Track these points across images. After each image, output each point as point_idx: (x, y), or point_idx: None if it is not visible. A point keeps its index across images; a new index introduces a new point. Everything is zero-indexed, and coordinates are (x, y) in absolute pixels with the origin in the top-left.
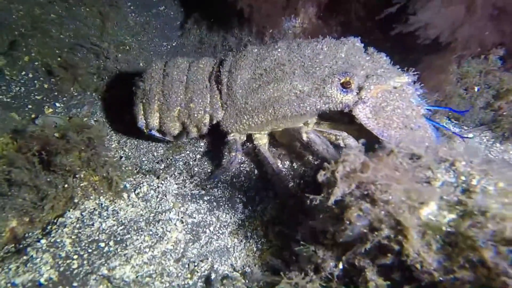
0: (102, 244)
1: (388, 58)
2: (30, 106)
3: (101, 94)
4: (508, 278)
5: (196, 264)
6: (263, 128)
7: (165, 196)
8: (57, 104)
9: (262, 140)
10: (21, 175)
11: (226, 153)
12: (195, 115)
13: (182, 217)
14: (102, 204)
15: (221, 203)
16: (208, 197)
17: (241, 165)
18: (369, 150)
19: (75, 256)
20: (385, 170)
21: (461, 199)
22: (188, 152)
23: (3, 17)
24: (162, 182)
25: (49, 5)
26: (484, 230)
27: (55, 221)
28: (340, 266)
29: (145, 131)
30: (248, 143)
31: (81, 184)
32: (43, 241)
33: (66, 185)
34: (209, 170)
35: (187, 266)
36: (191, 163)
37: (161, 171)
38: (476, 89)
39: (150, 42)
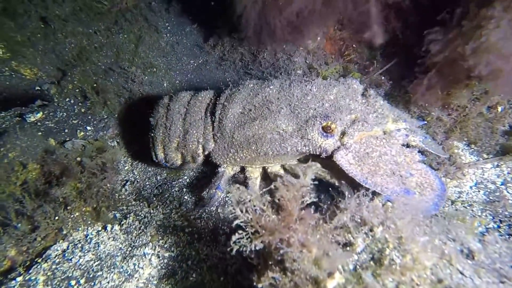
0: (73, 282)
1: (386, 102)
2: (66, 130)
3: (125, 116)
4: None
5: None
6: (251, 162)
7: (146, 229)
8: (88, 128)
9: (253, 174)
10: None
11: (210, 185)
12: (190, 146)
13: (158, 251)
14: (88, 235)
15: (202, 235)
16: (190, 229)
17: (228, 195)
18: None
19: None
20: (300, 231)
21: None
22: (186, 177)
23: (59, 50)
24: (151, 211)
25: (94, 35)
26: None
27: (43, 253)
28: None
29: (157, 161)
30: (241, 174)
31: (72, 216)
32: (19, 279)
33: (57, 217)
34: (198, 199)
35: None
36: (184, 190)
37: (154, 199)
38: (499, 109)
39: (178, 62)
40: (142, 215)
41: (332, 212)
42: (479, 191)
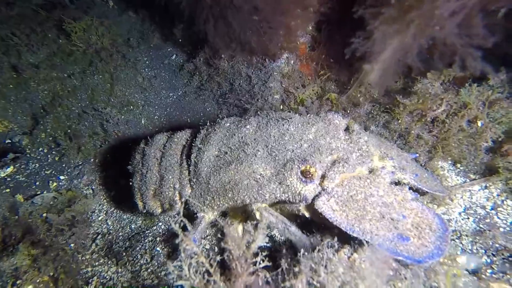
0: None
1: (372, 136)
2: (37, 183)
3: (100, 160)
4: None
5: None
6: (231, 209)
7: None
8: (61, 177)
9: (236, 219)
10: None
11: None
12: (166, 193)
13: None
14: None
15: None
16: None
17: (203, 240)
18: None
19: None
20: None
21: None
22: (161, 224)
23: (31, 99)
24: (119, 270)
25: (68, 79)
26: None
27: None
28: None
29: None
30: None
31: None
32: None
33: None
34: (171, 251)
35: None
36: (157, 239)
37: (124, 254)
38: (479, 124)
39: (156, 96)
40: (107, 277)
41: (288, 274)
42: (468, 218)
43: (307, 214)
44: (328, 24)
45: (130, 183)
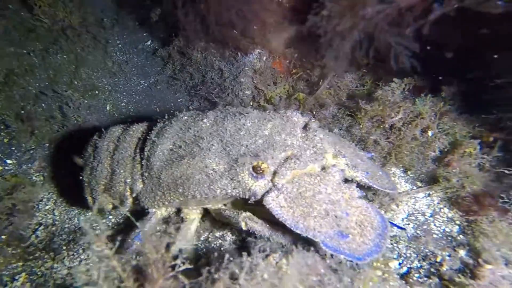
0: None
1: (329, 135)
2: None
3: (57, 146)
4: None
5: None
6: (184, 204)
7: None
8: (8, 161)
9: (190, 215)
10: None
11: (131, 232)
12: (117, 188)
13: None
14: None
15: None
16: None
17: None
18: None
19: None
20: None
21: None
22: (111, 217)
23: None
24: (55, 265)
25: (26, 56)
26: None
27: None
28: None
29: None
30: (176, 216)
31: None
32: None
33: None
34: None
35: None
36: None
37: (64, 248)
38: (430, 134)
39: (126, 82)
40: (39, 273)
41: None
42: (409, 224)
43: (244, 227)
44: (302, 22)
45: (80, 177)
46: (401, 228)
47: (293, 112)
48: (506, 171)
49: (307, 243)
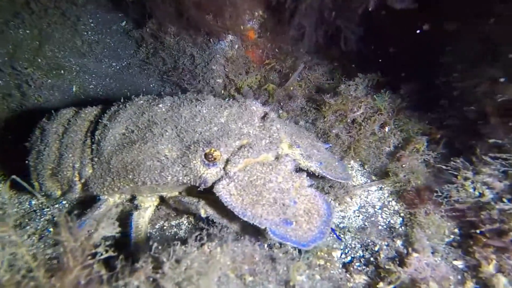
0: None
1: (286, 126)
2: None
3: (12, 126)
4: None
5: None
6: (137, 192)
7: None
8: None
9: (144, 203)
10: None
11: (78, 220)
12: (64, 173)
13: None
14: None
15: None
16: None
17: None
18: None
19: None
20: None
21: None
22: (64, 202)
23: None
24: None
25: None
26: None
27: None
28: None
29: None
30: (130, 203)
31: None
32: None
33: None
34: None
35: None
36: (54, 219)
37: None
38: (386, 129)
39: (97, 63)
40: None
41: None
42: (359, 216)
43: (203, 214)
44: (276, 11)
45: (26, 162)
46: (338, 238)
47: (252, 101)
48: (443, 167)
49: (258, 232)
